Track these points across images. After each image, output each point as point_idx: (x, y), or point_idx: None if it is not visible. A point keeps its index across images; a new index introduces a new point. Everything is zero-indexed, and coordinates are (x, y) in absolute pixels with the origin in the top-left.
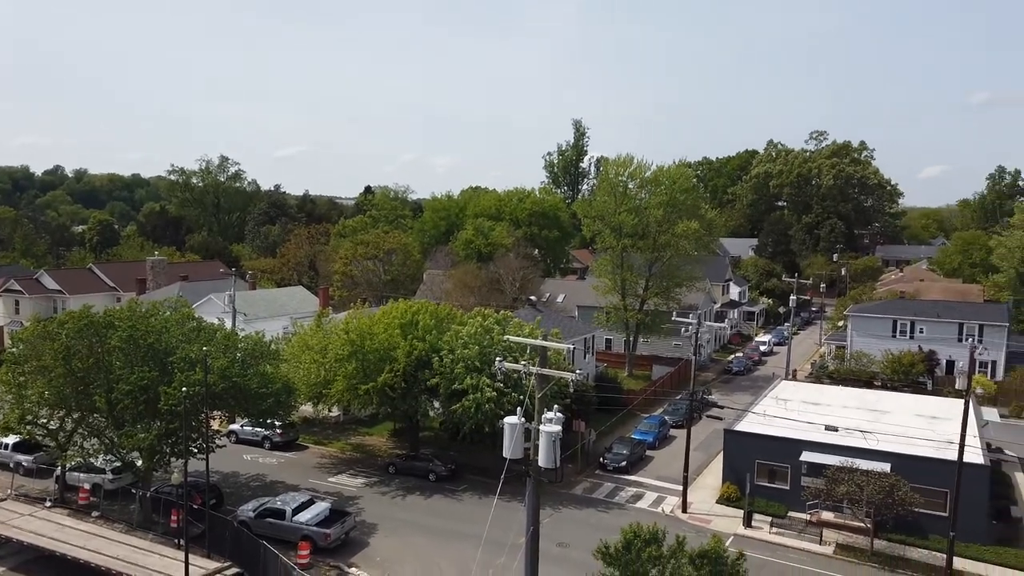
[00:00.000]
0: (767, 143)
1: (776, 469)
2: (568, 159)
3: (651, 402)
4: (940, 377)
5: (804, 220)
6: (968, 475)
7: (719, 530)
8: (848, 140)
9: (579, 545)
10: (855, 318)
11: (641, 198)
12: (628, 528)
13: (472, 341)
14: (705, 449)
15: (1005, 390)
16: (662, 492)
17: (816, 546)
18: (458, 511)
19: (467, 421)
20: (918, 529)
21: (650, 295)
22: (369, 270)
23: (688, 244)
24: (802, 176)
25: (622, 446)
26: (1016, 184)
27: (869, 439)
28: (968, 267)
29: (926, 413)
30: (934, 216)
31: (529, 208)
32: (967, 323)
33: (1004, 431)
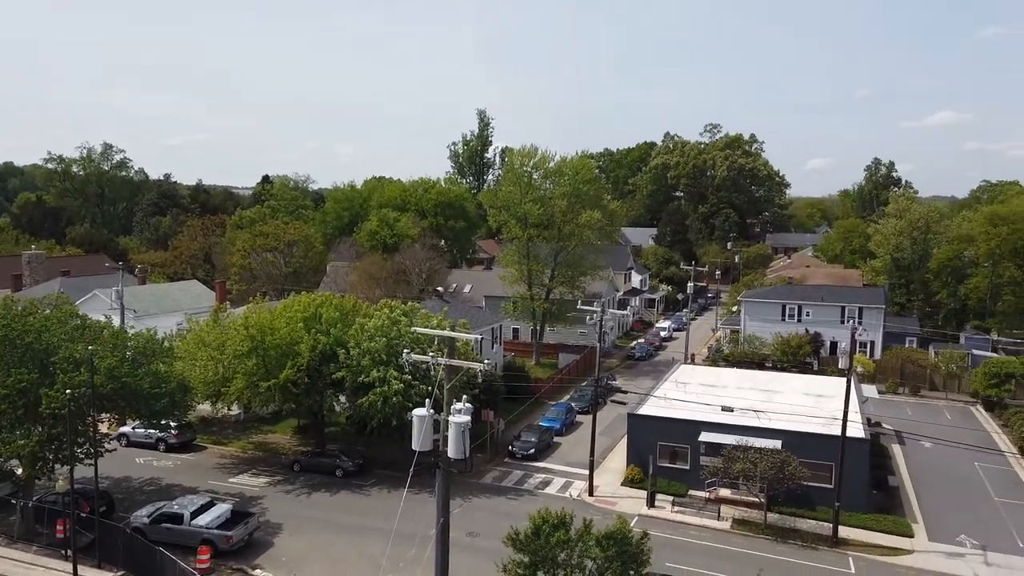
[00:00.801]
0: (664, 135)
1: (677, 450)
2: (473, 149)
3: (558, 389)
4: (825, 357)
5: (700, 210)
6: (851, 449)
7: (624, 511)
8: (740, 133)
9: (489, 533)
10: (747, 303)
11: (546, 188)
12: (537, 514)
13: (379, 333)
14: (610, 433)
15: (883, 368)
16: (570, 477)
17: (715, 522)
18: (367, 506)
19: (375, 415)
20: (807, 501)
21: (556, 284)
22: (269, 262)
23: (592, 234)
24: (698, 167)
25: (530, 434)
26: (890, 175)
27: (762, 418)
28: (849, 253)
29: (813, 392)
30: (818, 206)
31: (435, 198)
32: (848, 306)
33: (882, 406)
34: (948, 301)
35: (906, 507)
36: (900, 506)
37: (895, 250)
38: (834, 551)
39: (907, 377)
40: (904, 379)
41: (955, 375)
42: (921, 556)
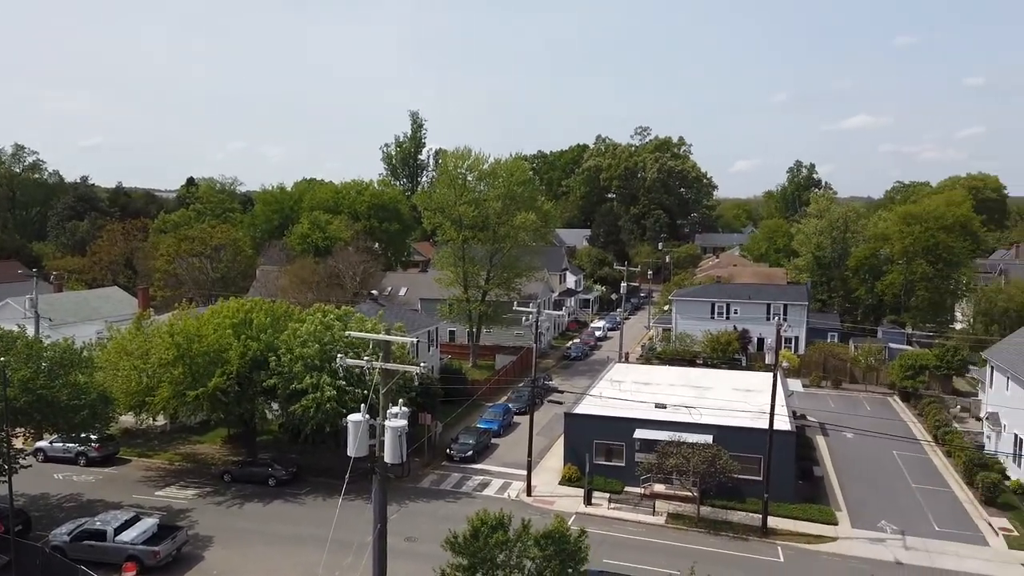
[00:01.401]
0: (596, 138)
1: (613, 448)
2: (406, 151)
3: (495, 391)
4: (752, 353)
5: (632, 211)
6: (778, 441)
7: (562, 510)
8: (669, 136)
9: (428, 538)
10: (678, 302)
11: (480, 190)
12: (475, 516)
13: (311, 339)
14: (548, 433)
15: (807, 363)
16: (508, 478)
17: (650, 517)
18: (301, 515)
19: (308, 421)
20: (737, 493)
21: (492, 286)
22: (195, 267)
23: (526, 235)
24: (629, 169)
25: (468, 436)
26: (811, 176)
27: (694, 414)
28: (773, 252)
29: (742, 387)
30: (744, 206)
31: (368, 201)
32: (773, 303)
33: (806, 399)
34: (866, 297)
35: (830, 496)
36: (825, 495)
37: (816, 249)
38: (764, 541)
39: (829, 371)
40: (827, 373)
41: (873, 368)
42: (845, 543)
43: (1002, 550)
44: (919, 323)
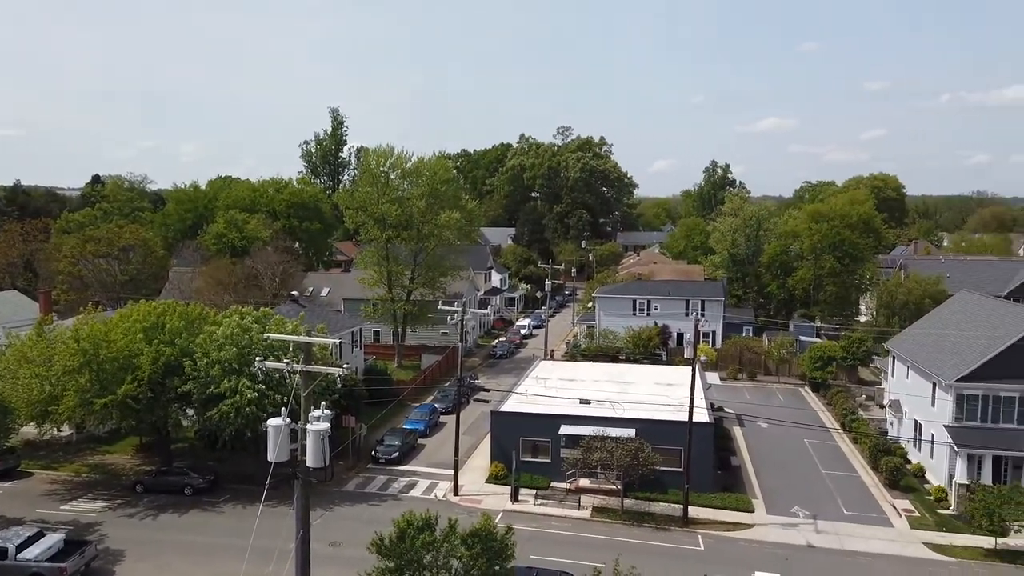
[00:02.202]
0: (520, 137)
1: (539, 444)
2: (327, 149)
3: (421, 391)
4: (673, 348)
5: (556, 210)
6: (697, 433)
7: (489, 508)
8: (591, 136)
9: (354, 542)
10: (601, 299)
11: (403, 189)
12: (401, 518)
13: (229, 342)
14: (474, 432)
15: (723, 356)
16: (435, 478)
17: (575, 512)
18: (220, 524)
19: (226, 427)
20: (660, 485)
21: (416, 285)
22: (102, 269)
23: (451, 234)
24: (552, 168)
25: (394, 437)
26: (726, 176)
27: (617, 409)
28: (691, 250)
29: (663, 381)
30: (663, 205)
31: (287, 199)
32: (692, 299)
33: (724, 392)
34: (778, 292)
35: (747, 484)
36: (742, 484)
37: (731, 246)
38: (685, 530)
39: (745, 364)
40: (742, 366)
41: (786, 360)
42: (761, 529)
43: (905, 530)
44: (827, 316)
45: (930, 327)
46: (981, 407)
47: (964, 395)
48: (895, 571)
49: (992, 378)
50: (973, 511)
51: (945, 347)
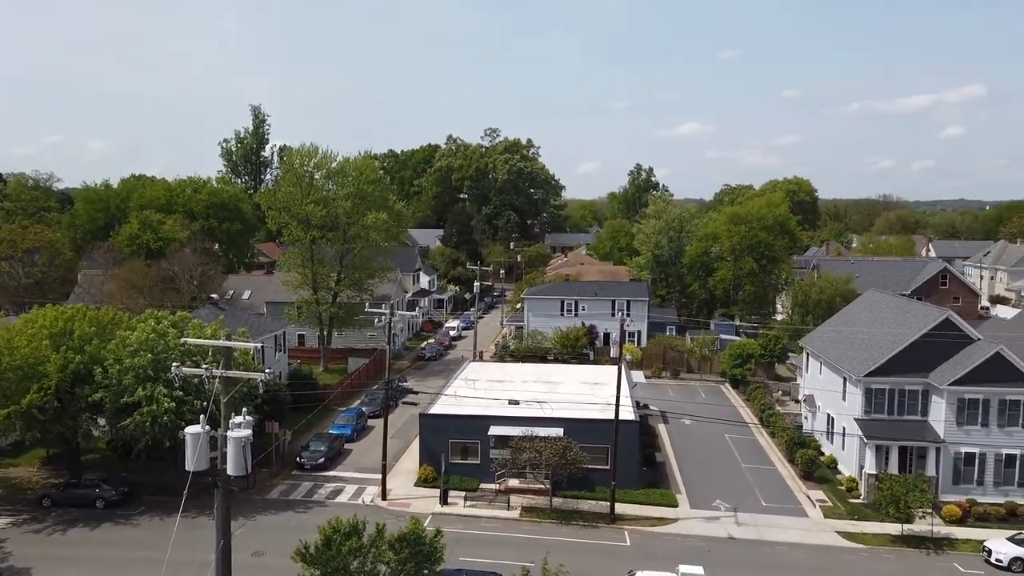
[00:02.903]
0: (447, 138)
1: (468, 446)
2: (248, 147)
3: (348, 395)
4: (600, 348)
5: (484, 211)
6: (624, 431)
7: (418, 512)
8: (518, 138)
9: (277, 551)
10: (530, 300)
11: (328, 189)
12: (327, 524)
13: (143, 348)
14: (403, 435)
15: (648, 355)
16: (362, 483)
17: (505, 512)
18: (135, 538)
19: (142, 437)
20: (587, 483)
21: (343, 287)
22: (4, 272)
23: (378, 235)
24: (480, 170)
25: (319, 442)
26: (649, 179)
27: (545, 408)
28: (617, 251)
29: (590, 380)
30: (590, 207)
31: (206, 199)
32: (618, 300)
33: (649, 390)
34: (700, 292)
35: (671, 480)
36: (666, 479)
37: (655, 248)
38: (612, 527)
39: (669, 362)
40: (666, 364)
41: (707, 358)
42: (684, 523)
43: (819, 520)
44: (746, 315)
45: (841, 325)
46: (888, 400)
47: (872, 389)
48: (810, 560)
49: (897, 373)
50: (881, 500)
51: (855, 344)
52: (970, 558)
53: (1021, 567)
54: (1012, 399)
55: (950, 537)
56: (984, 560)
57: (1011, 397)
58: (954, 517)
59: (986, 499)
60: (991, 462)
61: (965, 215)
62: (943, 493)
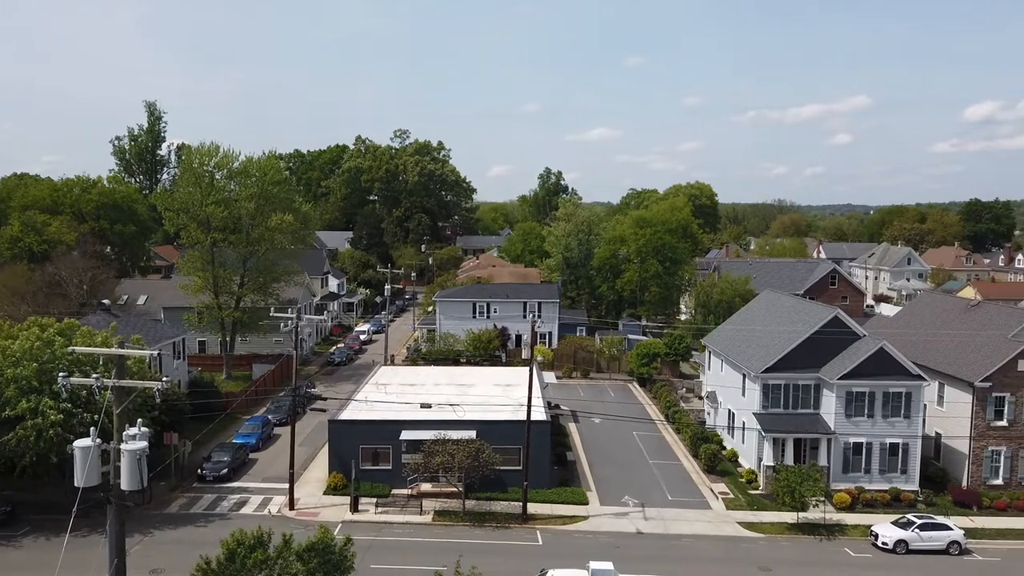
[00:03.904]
0: (356, 138)
1: (379, 451)
2: (143, 145)
3: (253, 402)
4: (512, 349)
5: (395, 213)
6: (535, 431)
7: (328, 520)
8: (429, 139)
9: (177, 567)
10: (442, 303)
11: (230, 190)
12: (231, 537)
13: (27, 357)
14: (311, 443)
15: (559, 356)
16: (268, 493)
17: (417, 517)
18: (18, 560)
19: (26, 452)
20: (500, 484)
21: (246, 291)
22: None
23: (284, 237)
24: (390, 172)
25: (222, 453)
26: (559, 183)
27: (458, 411)
28: (528, 253)
29: (502, 382)
30: (501, 210)
31: (96, 199)
32: (529, 301)
33: (560, 390)
34: (608, 293)
35: (582, 478)
36: (577, 478)
37: (565, 250)
38: (524, 527)
39: (579, 362)
40: (576, 364)
41: (616, 357)
42: (595, 520)
43: (722, 511)
44: (652, 315)
45: (740, 324)
46: (783, 395)
47: (769, 385)
48: (713, 550)
49: (792, 369)
50: (778, 490)
51: (753, 342)
52: (859, 542)
53: (904, 548)
54: (894, 391)
55: (841, 523)
56: (871, 544)
57: (893, 389)
58: (844, 504)
59: (873, 486)
60: (877, 451)
61: (852, 219)
62: (834, 482)
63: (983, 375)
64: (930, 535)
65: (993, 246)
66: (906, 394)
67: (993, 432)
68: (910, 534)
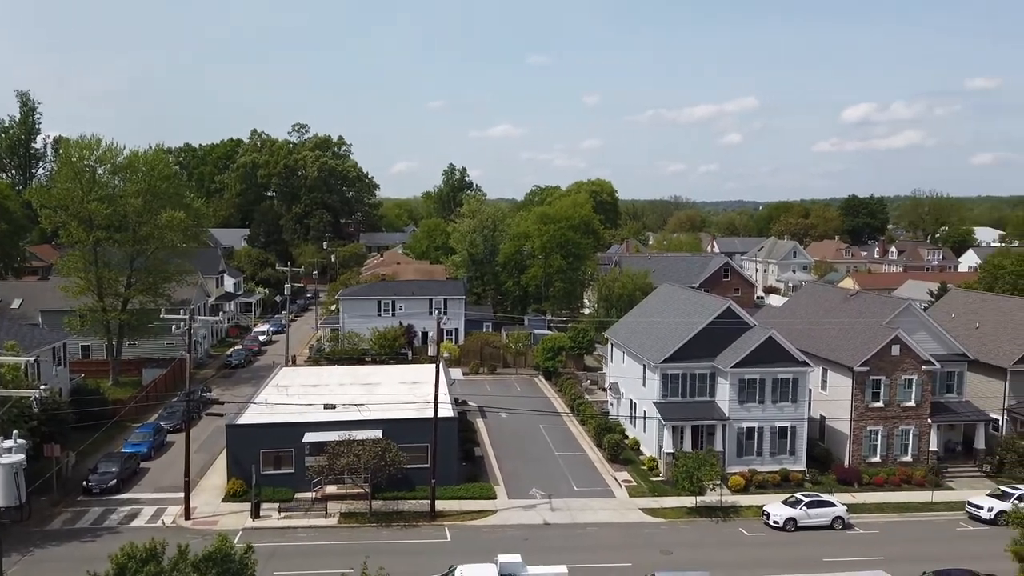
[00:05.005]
0: (252, 132)
1: (281, 455)
2: (14, 138)
3: (144, 409)
4: (418, 347)
5: (294, 210)
6: (442, 428)
7: (227, 528)
8: (329, 135)
9: None
10: (345, 301)
11: (115, 185)
12: (120, 551)
13: None
14: (208, 449)
15: (466, 352)
16: (162, 504)
17: (323, 520)
18: None
19: None
20: (408, 483)
21: (134, 293)
22: None
23: (175, 235)
24: (289, 167)
25: (110, 463)
26: (463, 179)
27: (363, 411)
28: (433, 250)
29: (408, 380)
30: (405, 206)
31: None
32: (435, 298)
33: (467, 386)
34: (514, 289)
35: (490, 472)
36: (485, 473)
37: (470, 246)
38: (433, 525)
39: (486, 358)
40: (483, 360)
41: (522, 352)
42: (503, 514)
43: (625, 499)
44: (556, 310)
45: (640, 316)
46: (681, 384)
47: (667, 374)
48: (617, 537)
49: (689, 358)
50: (677, 476)
51: (652, 333)
52: (753, 522)
53: (794, 526)
54: (783, 377)
55: (736, 505)
56: (764, 523)
57: (781, 376)
58: (738, 487)
59: (764, 468)
60: (767, 435)
61: (743, 215)
62: (729, 466)
63: (861, 360)
64: (816, 512)
65: (869, 239)
66: (793, 380)
67: (871, 413)
68: (798, 512)
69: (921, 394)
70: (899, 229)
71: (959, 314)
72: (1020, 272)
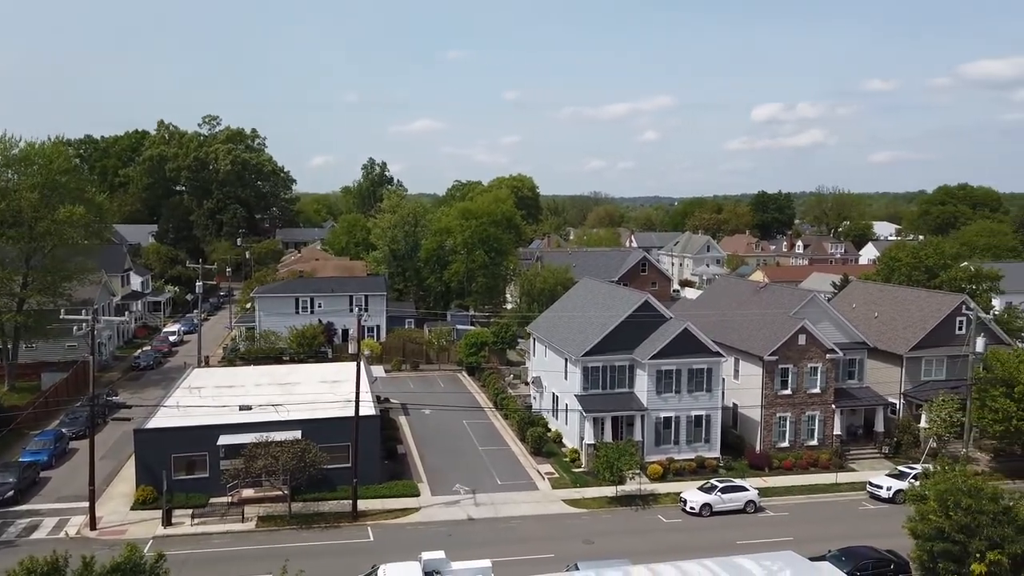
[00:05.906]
0: (159, 124)
1: (194, 459)
2: None
3: (43, 415)
4: (338, 345)
5: (206, 205)
6: (364, 427)
7: (136, 537)
8: (242, 127)
9: None
10: (261, 299)
11: (8, 179)
12: (19, 566)
13: None
14: (115, 455)
15: (388, 349)
16: (65, 514)
17: (239, 524)
18: None
19: None
20: (328, 483)
21: (31, 293)
22: None
23: (75, 232)
24: (199, 160)
25: (6, 473)
26: (384, 174)
27: (281, 411)
28: (353, 246)
29: (329, 378)
30: (323, 201)
31: None
32: (355, 295)
33: (389, 383)
34: (436, 285)
35: (413, 470)
36: (409, 470)
37: (391, 242)
38: (355, 525)
39: (408, 354)
40: (406, 356)
41: (445, 348)
42: (427, 511)
43: (548, 491)
44: (479, 305)
45: (561, 311)
46: (602, 376)
47: (588, 367)
48: (540, 529)
49: (609, 351)
50: (598, 466)
51: (573, 327)
52: (671, 509)
53: (709, 511)
54: (697, 368)
55: (655, 492)
56: (681, 509)
57: (696, 366)
58: (657, 475)
59: (681, 456)
60: (684, 423)
61: (659, 210)
62: (648, 455)
63: (771, 350)
64: (730, 497)
65: (778, 234)
66: (707, 370)
67: (780, 400)
68: (713, 497)
69: (826, 381)
70: (805, 224)
71: (859, 304)
72: (914, 264)
